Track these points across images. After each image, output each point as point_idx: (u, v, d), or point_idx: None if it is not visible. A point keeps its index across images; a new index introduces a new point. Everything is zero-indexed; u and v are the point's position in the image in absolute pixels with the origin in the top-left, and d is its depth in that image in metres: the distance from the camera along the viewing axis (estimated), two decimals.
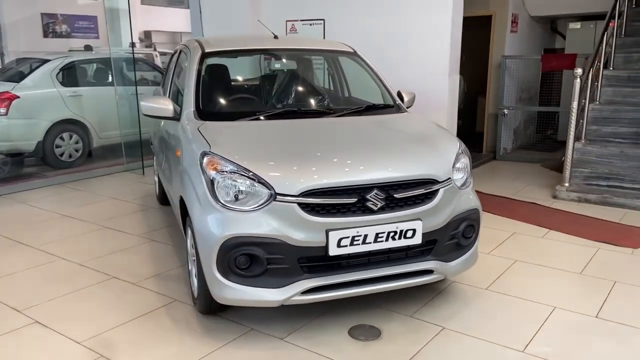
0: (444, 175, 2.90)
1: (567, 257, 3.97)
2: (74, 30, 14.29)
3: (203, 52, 3.71)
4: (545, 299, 3.29)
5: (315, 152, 2.88)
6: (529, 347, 2.76)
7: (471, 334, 2.90)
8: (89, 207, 5.41)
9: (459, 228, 2.98)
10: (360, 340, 2.85)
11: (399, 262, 2.87)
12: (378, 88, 3.93)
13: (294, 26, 7.14)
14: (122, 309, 3.23)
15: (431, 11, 5.81)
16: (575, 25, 8.52)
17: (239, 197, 2.67)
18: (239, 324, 3.02)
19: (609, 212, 5.06)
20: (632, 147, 5.68)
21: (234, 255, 2.64)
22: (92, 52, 8.97)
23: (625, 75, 6.34)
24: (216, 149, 2.83)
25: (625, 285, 3.48)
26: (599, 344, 2.80)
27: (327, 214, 2.67)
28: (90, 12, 14.42)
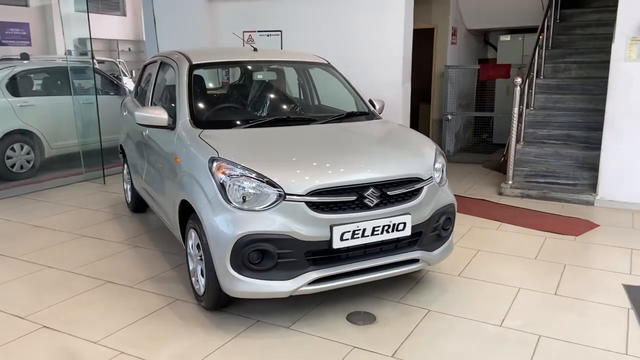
0: (427, 174, 3.28)
1: (521, 245, 4.48)
2: (4, 38, 13.76)
3: (191, 64, 3.91)
4: (510, 282, 3.75)
5: (316, 155, 3.19)
6: (504, 322, 3.19)
7: (454, 313, 3.29)
8: (57, 217, 5.40)
9: (440, 221, 3.38)
10: (359, 324, 3.17)
11: (390, 253, 3.21)
12: (352, 97, 4.28)
13: (251, 37, 7.39)
14: (126, 310, 3.37)
15: (385, 25, 6.25)
16: (506, 38, 9.29)
17: (250, 198, 2.93)
18: (244, 317, 3.25)
19: (549, 206, 5.67)
20: (564, 147, 6.37)
21: (247, 252, 2.89)
22: (29, 60, 8.76)
23: (555, 84, 7.08)
24: (225, 155, 3.06)
25: (574, 267, 4.01)
26: (562, 316, 3.27)
27: (330, 211, 2.98)
28: (22, 19, 13.95)
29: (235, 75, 4.36)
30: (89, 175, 7.10)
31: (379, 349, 2.89)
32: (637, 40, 5.25)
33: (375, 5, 6.24)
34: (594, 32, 7.60)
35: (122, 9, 18.01)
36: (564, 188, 5.99)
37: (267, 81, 4.33)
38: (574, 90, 6.90)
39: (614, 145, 5.52)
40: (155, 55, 4.84)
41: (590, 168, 6.03)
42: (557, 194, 5.90)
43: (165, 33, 7.81)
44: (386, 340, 2.98)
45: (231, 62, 4.16)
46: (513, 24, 8.74)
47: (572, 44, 7.56)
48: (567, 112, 6.69)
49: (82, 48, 16.30)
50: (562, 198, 5.84)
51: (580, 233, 4.76)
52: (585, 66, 7.10)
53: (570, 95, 6.83)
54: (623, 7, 5.27)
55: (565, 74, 7.18)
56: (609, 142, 5.54)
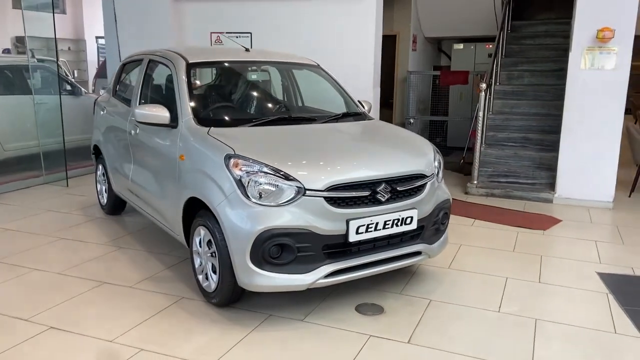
0: (429, 171, 3.47)
1: (497, 239, 4.78)
2: None
3: (187, 63, 3.92)
4: (496, 272, 4.00)
5: (329, 153, 3.30)
6: (501, 308, 3.42)
7: (454, 302, 3.49)
8: (27, 220, 5.19)
9: (439, 215, 3.57)
10: (369, 315, 3.30)
11: (396, 246, 3.37)
12: (343, 98, 4.42)
13: (219, 38, 7.39)
14: (133, 309, 3.34)
15: (357, 30, 6.44)
16: (459, 46, 9.76)
17: (269, 194, 2.99)
18: (256, 312, 3.31)
19: (513, 204, 6.04)
20: (522, 149, 6.79)
21: (267, 246, 2.96)
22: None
23: (510, 90, 7.53)
24: (241, 151, 3.12)
25: (549, 258, 4.33)
26: (551, 301, 3.54)
27: (346, 206, 3.10)
28: None
29: (228, 74, 4.38)
30: (49, 178, 6.83)
31: (394, 337, 3.04)
32: (591, 50, 5.71)
33: (346, 10, 6.43)
34: (542, 43, 8.15)
35: (62, 7, 17.31)
36: (525, 187, 6.39)
37: (262, 81, 4.40)
38: (527, 97, 7.38)
39: (570, 147, 5.96)
40: (137, 54, 4.78)
41: (547, 168, 6.47)
42: (519, 192, 6.29)
43: (127, 32, 7.65)
44: (398, 329, 3.13)
45: (227, 62, 4.18)
46: (467, 33, 9.21)
47: (524, 53, 8.08)
48: (523, 116, 7.14)
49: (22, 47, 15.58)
50: (523, 196, 6.24)
51: (547, 227, 5.12)
52: (537, 74, 7.60)
53: (525, 101, 7.30)
54: (579, 19, 5.71)
55: (519, 81, 7.66)
56: (566, 145, 5.98)
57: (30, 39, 15.31)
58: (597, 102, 5.77)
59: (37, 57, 13.86)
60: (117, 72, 5.21)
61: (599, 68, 5.72)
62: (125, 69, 5.06)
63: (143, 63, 4.49)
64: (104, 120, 5.15)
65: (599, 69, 5.72)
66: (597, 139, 5.83)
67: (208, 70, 4.29)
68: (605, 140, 5.80)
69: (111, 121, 4.95)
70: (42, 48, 17.81)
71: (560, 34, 8.10)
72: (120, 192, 4.85)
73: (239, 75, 4.37)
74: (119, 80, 5.12)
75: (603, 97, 5.73)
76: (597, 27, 5.62)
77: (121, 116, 4.68)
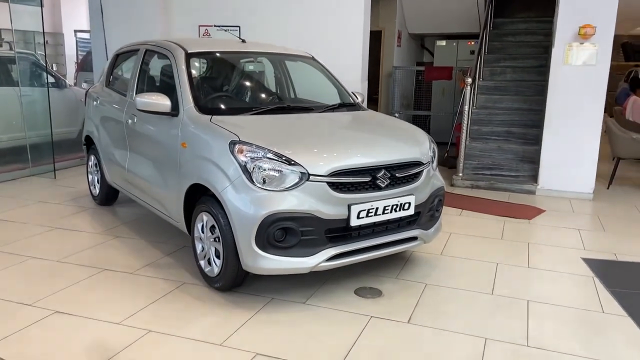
0: (426, 159, 3.59)
1: (485, 228, 4.93)
2: None
3: (187, 53, 3.97)
4: (487, 258, 4.15)
5: (331, 140, 3.40)
6: (494, 290, 3.56)
7: (449, 286, 3.62)
8: (18, 210, 5.17)
9: (434, 202, 3.70)
10: (368, 298, 3.41)
11: (394, 231, 3.48)
12: (337, 89, 4.52)
13: (207, 31, 7.42)
14: (136, 294, 3.38)
15: (345, 26, 6.55)
16: (441, 43, 9.94)
17: (274, 179, 3.07)
18: (258, 295, 3.39)
19: (497, 195, 6.22)
20: (505, 142, 6.99)
21: (272, 230, 3.04)
22: None
23: (493, 85, 7.72)
24: (245, 138, 3.19)
25: (536, 245, 4.50)
26: (540, 284, 3.70)
27: (347, 191, 3.19)
28: None
29: (226, 64, 4.43)
30: (36, 170, 6.78)
31: (394, 317, 3.15)
32: (573, 46, 5.91)
33: (335, 4, 6.52)
34: (523, 40, 8.37)
35: (39, 0, 17.01)
36: (508, 179, 6.58)
37: (259, 71, 4.47)
38: (509, 92, 7.58)
39: (552, 140, 6.16)
40: (132, 44, 4.80)
41: (530, 161, 6.67)
42: (503, 184, 6.47)
43: (114, 25, 7.63)
44: (398, 310, 3.25)
45: (225, 52, 4.24)
46: (449, 30, 9.38)
47: (505, 50, 8.28)
48: (505, 111, 7.34)
49: None
50: (507, 188, 6.42)
51: (532, 217, 5.30)
52: (518, 70, 7.81)
53: (508, 96, 7.49)
54: (562, 16, 5.91)
55: (502, 77, 7.86)
56: (548, 138, 6.18)
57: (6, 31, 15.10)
58: (578, 97, 5.97)
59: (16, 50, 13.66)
60: (110, 62, 5.22)
61: (581, 64, 5.92)
62: (118, 60, 5.07)
63: (139, 53, 4.52)
64: (97, 110, 5.15)
65: (580, 65, 5.92)
66: (578, 132, 6.04)
67: (205, 60, 4.33)
68: (586, 134, 6.01)
69: (105, 111, 4.96)
70: (18, 41, 17.54)
71: (540, 32, 8.33)
72: (115, 182, 4.86)
73: (237, 66, 4.43)
74: (112, 70, 5.12)
75: (584, 92, 5.94)
76: (579, 24, 5.82)
77: (116, 106, 4.70)
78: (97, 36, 7.86)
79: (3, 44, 14.29)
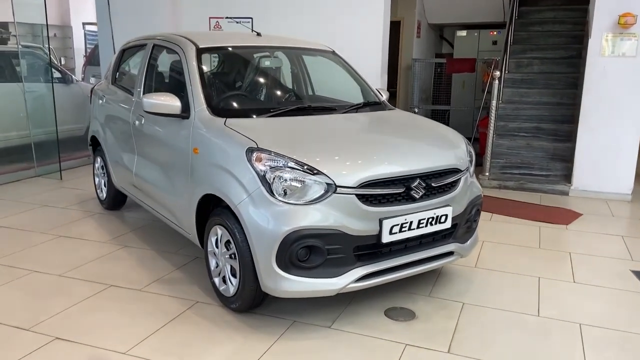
0: (463, 165, 3.23)
1: (520, 235, 4.56)
2: None
3: (198, 48, 3.62)
4: (526, 271, 3.79)
5: (359, 146, 3.04)
6: (540, 311, 3.20)
7: (489, 305, 3.27)
8: (20, 216, 4.88)
9: (472, 212, 3.34)
10: (401, 321, 3.07)
11: (428, 246, 3.13)
12: (360, 87, 4.16)
13: (218, 23, 7.07)
14: (145, 315, 3.07)
15: (364, 16, 6.16)
16: (462, 33, 9.51)
17: (297, 191, 2.73)
18: (279, 317, 3.06)
19: (528, 196, 5.84)
20: (535, 139, 6.58)
21: (295, 249, 2.70)
22: None
23: (519, 78, 7.30)
24: (264, 144, 2.85)
25: (579, 255, 4.12)
26: (591, 303, 3.33)
27: (379, 204, 2.85)
28: None
29: (241, 61, 4.09)
30: (41, 170, 6.50)
31: (432, 346, 2.81)
32: (612, 36, 5.49)
33: None
34: (551, 30, 7.92)
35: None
36: (539, 179, 6.19)
37: (277, 68, 4.11)
38: (537, 85, 7.15)
39: (588, 137, 5.75)
40: (140, 38, 4.46)
41: (562, 159, 6.27)
42: (533, 184, 6.08)
43: (121, 16, 7.31)
44: (435, 336, 2.90)
45: (239, 47, 3.88)
46: (471, 20, 8.95)
47: (532, 40, 7.84)
48: (533, 105, 6.92)
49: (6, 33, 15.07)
50: (538, 189, 6.04)
51: (569, 222, 4.92)
52: (547, 62, 7.37)
53: (536, 90, 7.07)
54: (599, 4, 5.49)
55: (528, 69, 7.43)
56: (583, 134, 5.78)
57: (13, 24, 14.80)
58: (617, 90, 5.56)
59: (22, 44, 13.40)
60: (116, 58, 4.89)
61: (620, 55, 5.50)
62: (125, 55, 4.74)
63: (147, 48, 4.18)
64: (102, 109, 4.83)
65: (619, 56, 5.50)
66: (615, 128, 5.63)
67: (217, 56, 3.98)
68: (625, 130, 5.60)
69: (111, 111, 4.64)
70: (26, 34, 17.29)
71: (569, 21, 7.88)
72: (123, 187, 4.55)
73: (253, 62, 4.08)
74: (118, 66, 4.79)
75: (623, 86, 5.52)
76: (618, 12, 5.40)
77: (123, 105, 4.38)
78: (103, 29, 7.54)
79: (11, 38, 14.03)
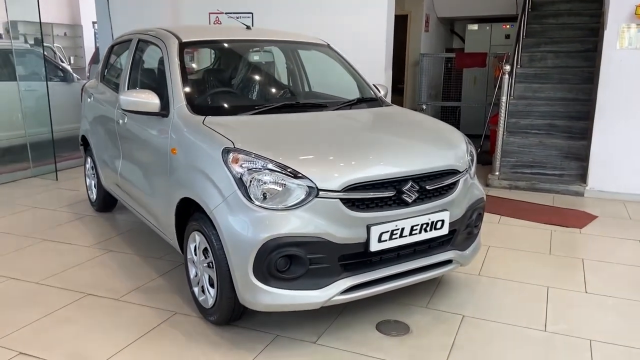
0: (462, 166, 2.96)
1: (530, 239, 4.28)
2: None
3: (180, 42, 3.41)
4: (534, 280, 3.51)
5: (346, 145, 2.79)
6: (548, 326, 2.93)
7: (491, 319, 3.00)
8: (8, 218, 4.72)
9: (472, 217, 3.07)
10: (393, 335, 2.82)
11: (423, 254, 2.88)
12: (356, 82, 3.91)
13: (218, 19, 6.87)
14: (118, 328, 2.86)
15: (367, 9, 5.91)
16: (473, 27, 9.18)
17: (275, 195, 2.50)
18: (260, 331, 2.83)
19: (540, 197, 5.53)
20: (548, 137, 6.27)
21: (274, 258, 2.47)
22: None
23: (532, 73, 6.97)
24: (242, 145, 2.62)
25: (592, 262, 3.83)
26: (604, 317, 3.04)
27: (366, 208, 2.60)
28: None
29: (227, 55, 3.87)
30: (37, 171, 6.35)
31: None
32: (629, 27, 5.16)
33: None
34: (566, 22, 7.57)
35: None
36: (552, 179, 5.87)
37: (266, 62, 3.88)
38: (552, 80, 6.83)
39: (604, 134, 5.43)
40: (127, 34, 4.26)
41: (576, 158, 5.95)
42: (546, 184, 5.78)
43: (120, 14, 7.15)
44: (430, 354, 2.65)
45: (225, 41, 3.66)
46: (482, 13, 8.63)
47: (546, 33, 7.50)
48: (547, 101, 6.60)
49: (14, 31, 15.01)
50: (551, 189, 5.73)
51: (583, 225, 4.61)
52: (561, 55, 7.04)
53: (549, 85, 6.75)
54: None
55: (542, 63, 7.10)
56: (599, 131, 5.45)
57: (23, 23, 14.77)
58: (635, 84, 5.23)
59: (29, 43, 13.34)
60: (105, 54, 4.71)
61: (637, 47, 5.17)
62: (114, 52, 4.55)
63: (132, 44, 3.98)
64: (91, 108, 4.65)
65: (637, 49, 5.17)
66: (633, 125, 5.30)
67: (204, 51, 3.76)
68: None
69: (98, 109, 4.45)
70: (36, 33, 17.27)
71: (585, 13, 7.53)
72: (110, 188, 4.36)
73: (239, 57, 3.85)
74: (107, 63, 4.61)
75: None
76: (635, 2, 5.07)
77: (109, 104, 4.19)
78: (103, 26, 7.39)
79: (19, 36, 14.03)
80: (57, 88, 7.56)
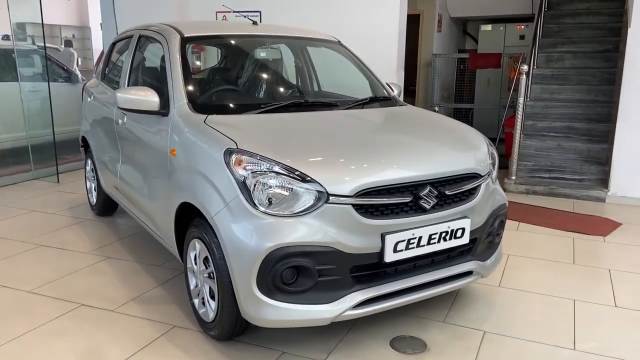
0: (484, 170, 2.74)
1: (551, 248, 4.04)
2: None
3: (182, 37, 3.21)
4: (559, 292, 3.27)
5: (359, 147, 2.58)
6: (577, 344, 2.69)
7: (514, 335, 2.77)
8: (5, 222, 4.54)
9: (494, 225, 2.84)
10: (409, 353, 2.59)
11: (442, 265, 2.65)
12: (368, 80, 3.70)
13: (225, 17, 6.68)
14: (112, 342, 2.66)
15: (378, 9, 5.70)
16: (487, 27, 8.95)
17: (282, 200, 2.29)
18: (265, 347, 2.61)
19: (559, 203, 5.28)
20: (566, 140, 6.02)
21: (279, 269, 2.26)
22: None
23: (549, 74, 6.72)
24: (246, 146, 2.41)
25: (620, 273, 3.58)
26: (636, 334, 2.80)
27: (381, 215, 2.38)
28: None
29: (232, 52, 3.67)
30: (39, 173, 6.19)
31: None
32: None
33: None
34: (584, 22, 7.31)
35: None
36: (571, 184, 5.62)
37: (273, 60, 3.68)
38: (570, 81, 6.57)
39: (628, 137, 5.18)
40: (129, 30, 4.08)
41: (597, 162, 5.70)
42: (565, 189, 5.52)
43: (125, 14, 6.98)
44: None
45: (229, 36, 3.46)
46: (497, 13, 8.40)
47: (563, 33, 7.24)
48: (565, 103, 6.35)
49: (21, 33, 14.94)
50: (570, 194, 5.47)
51: (607, 233, 4.36)
52: (580, 56, 6.78)
53: (568, 86, 6.49)
54: None
55: (559, 64, 6.84)
56: (622, 134, 5.20)
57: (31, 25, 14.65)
58: None
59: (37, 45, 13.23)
60: (106, 52, 4.53)
61: None
62: (115, 49, 4.37)
63: (133, 40, 3.79)
64: (91, 108, 4.47)
65: None
66: None
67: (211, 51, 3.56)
68: None
69: (99, 109, 4.27)
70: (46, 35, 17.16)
71: (604, 12, 7.26)
72: (110, 191, 4.17)
73: (245, 53, 3.65)
74: (108, 61, 4.43)
75: None
76: None
77: (108, 103, 4.00)
78: (108, 25, 7.24)
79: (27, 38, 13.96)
80: (62, 89, 7.42)
